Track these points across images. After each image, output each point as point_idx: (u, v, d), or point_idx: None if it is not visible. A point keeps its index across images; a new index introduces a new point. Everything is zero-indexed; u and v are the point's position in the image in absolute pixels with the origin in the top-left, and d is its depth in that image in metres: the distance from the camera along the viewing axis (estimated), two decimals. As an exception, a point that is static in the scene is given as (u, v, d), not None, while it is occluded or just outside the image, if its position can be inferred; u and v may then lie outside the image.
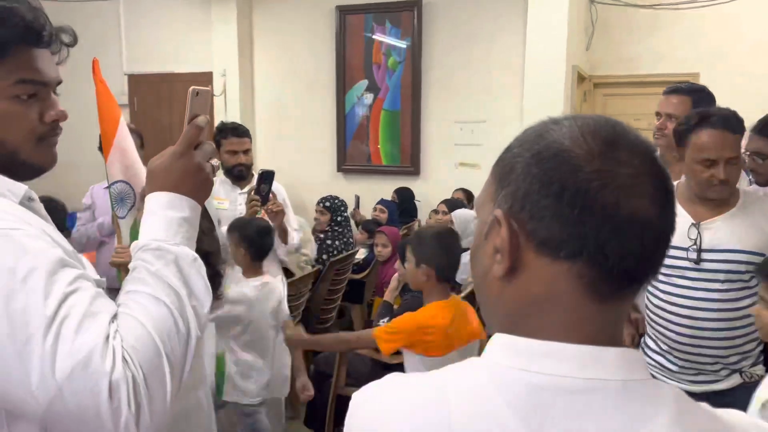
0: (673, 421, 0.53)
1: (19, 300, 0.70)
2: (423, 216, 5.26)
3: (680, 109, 2.26)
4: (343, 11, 5.63)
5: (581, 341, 0.54)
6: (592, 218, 0.53)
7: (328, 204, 4.29)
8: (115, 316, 0.77)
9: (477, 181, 5.30)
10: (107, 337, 0.72)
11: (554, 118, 0.60)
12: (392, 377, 0.62)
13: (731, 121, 1.79)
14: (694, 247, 1.82)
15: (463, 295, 3.00)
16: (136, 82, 6.30)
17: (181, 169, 0.88)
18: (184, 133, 0.90)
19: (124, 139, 1.93)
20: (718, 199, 1.83)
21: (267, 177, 2.78)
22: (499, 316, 0.60)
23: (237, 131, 3.07)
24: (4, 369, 0.70)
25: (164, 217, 0.86)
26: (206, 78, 5.98)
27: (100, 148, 3.90)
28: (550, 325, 0.56)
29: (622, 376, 0.54)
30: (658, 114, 2.39)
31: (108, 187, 2.24)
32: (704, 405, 0.58)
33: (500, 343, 0.58)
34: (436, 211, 4.54)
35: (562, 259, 0.54)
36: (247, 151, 3.06)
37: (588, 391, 0.53)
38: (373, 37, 5.60)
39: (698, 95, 2.34)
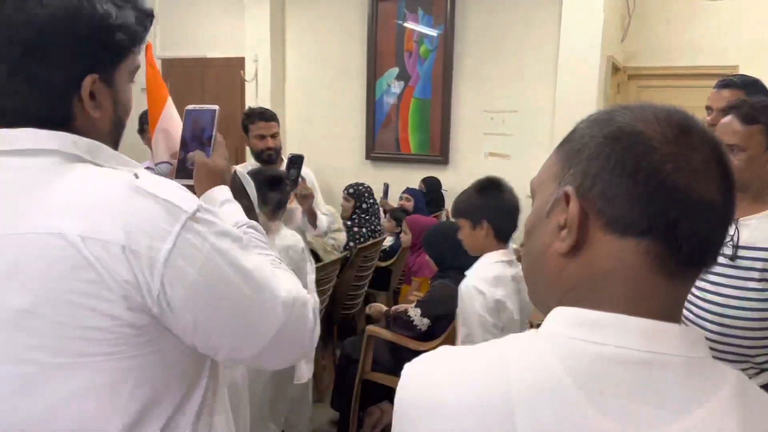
0: (732, 400, 0.54)
1: (249, 261, 0.83)
2: (450, 205, 5.25)
3: None
4: (375, -2, 5.62)
5: (645, 316, 0.55)
6: (664, 198, 0.55)
7: (351, 191, 4.31)
8: None
9: (506, 172, 5.26)
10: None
11: (623, 104, 0.61)
12: (444, 349, 0.63)
13: (743, 110, 1.74)
14: (731, 243, 1.80)
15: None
16: (170, 66, 6.39)
17: (226, 170, 1.15)
18: (221, 144, 1.18)
19: (168, 120, 1.97)
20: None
21: (296, 161, 2.81)
22: (559, 293, 0.61)
23: (264, 115, 3.09)
24: (247, 317, 0.83)
25: (236, 203, 1.10)
26: (238, 63, 6.03)
27: (140, 131, 4.00)
28: (614, 298, 0.57)
29: (684, 352, 0.55)
30: (708, 108, 2.33)
31: (152, 167, 2.29)
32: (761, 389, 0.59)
33: (561, 314, 0.58)
34: (460, 201, 4.54)
35: (630, 236, 0.56)
36: (275, 135, 3.08)
37: (650, 364, 0.53)
38: (405, 24, 5.58)
39: (752, 88, 2.27)
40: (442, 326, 2.83)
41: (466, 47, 5.40)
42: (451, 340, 2.84)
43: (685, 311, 1.93)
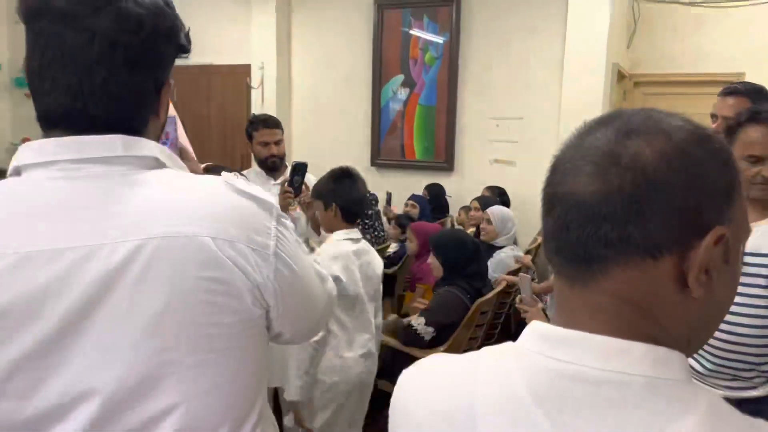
0: (701, 424, 0.49)
1: (307, 258, 0.90)
2: (455, 212, 5.24)
3: (738, 111, 2.20)
4: (381, 6, 5.63)
5: (609, 333, 0.53)
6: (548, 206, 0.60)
7: None
8: None
9: (512, 179, 5.29)
10: None
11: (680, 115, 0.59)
12: (432, 357, 0.64)
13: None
14: None
15: (489, 296, 2.99)
16: (175, 73, 6.28)
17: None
18: (187, 151, 1.17)
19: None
20: (761, 199, 1.78)
21: (300, 169, 2.82)
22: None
23: (268, 122, 3.10)
24: (314, 301, 0.92)
25: None
26: (244, 70, 6.05)
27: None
28: (578, 318, 0.56)
29: (648, 372, 0.51)
30: (713, 116, 2.32)
31: None
32: (740, 414, 0.53)
33: (532, 328, 0.58)
34: (467, 208, 4.52)
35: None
36: (278, 142, 3.09)
37: (609, 383, 0.51)
38: (411, 32, 5.59)
39: (757, 96, 2.26)
40: (447, 334, 2.82)
41: (472, 54, 5.41)
42: (456, 347, 2.83)
43: None
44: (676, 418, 0.49)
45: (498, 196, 4.88)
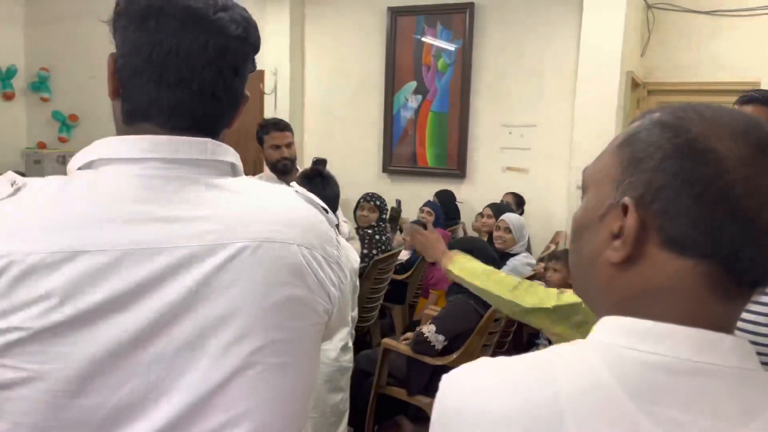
0: None
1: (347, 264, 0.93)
2: (466, 218, 5.22)
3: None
4: (394, 12, 5.65)
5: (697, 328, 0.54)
6: (732, 225, 0.52)
7: (378, 203, 4.29)
8: None
9: (524, 186, 5.27)
10: None
11: (696, 106, 0.57)
12: (484, 359, 0.61)
13: None
14: None
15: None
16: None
17: None
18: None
19: None
20: None
21: (319, 164, 2.84)
22: (608, 301, 0.59)
23: (279, 125, 3.11)
24: (350, 302, 0.94)
25: None
26: (257, 76, 6.09)
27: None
28: (666, 314, 0.54)
29: (737, 363, 0.53)
30: None
31: None
32: None
33: (611, 324, 0.56)
34: (481, 215, 4.51)
35: (689, 257, 0.54)
36: (289, 145, 3.09)
37: (703, 375, 0.52)
38: (424, 39, 5.60)
39: None
40: (459, 342, 2.80)
41: (485, 61, 5.41)
42: (469, 356, 2.82)
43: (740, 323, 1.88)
44: (766, 406, 0.52)
45: (518, 204, 4.86)
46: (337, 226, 0.92)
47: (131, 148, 0.74)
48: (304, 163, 3.79)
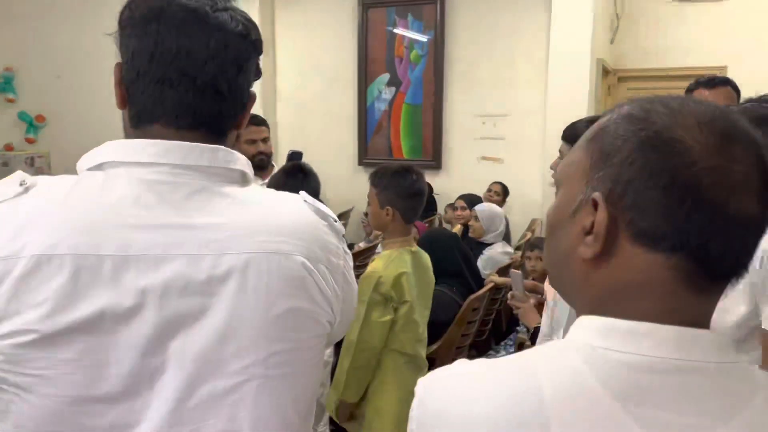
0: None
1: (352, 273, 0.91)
2: (443, 209, 5.25)
3: (723, 102, 2.22)
4: (365, 5, 5.63)
5: (675, 325, 0.53)
6: (700, 215, 0.52)
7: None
8: None
9: (500, 175, 5.30)
10: None
11: (663, 98, 0.57)
12: (462, 363, 0.60)
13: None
14: None
15: (480, 293, 3.00)
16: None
17: None
18: None
19: None
20: None
21: (296, 157, 2.83)
22: (585, 299, 0.59)
23: (254, 120, 3.07)
24: (354, 309, 0.94)
25: None
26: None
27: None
28: (641, 310, 0.54)
29: (717, 358, 0.53)
30: None
31: None
32: None
33: (591, 324, 0.56)
34: (453, 207, 4.52)
35: (660, 250, 0.53)
36: (265, 140, 3.06)
37: (685, 372, 0.52)
38: (396, 30, 5.59)
39: (730, 87, 2.29)
40: (438, 332, 2.81)
41: (457, 52, 5.42)
42: (449, 345, 2.83)
43: None
44: (749, 398, 0.53)
45: (506, 192, 4.92)
46: None
47: (141, 152, 0.74)
48: (279, 158, 3.76)
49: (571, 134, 1.73)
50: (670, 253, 0.53)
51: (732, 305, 1.38)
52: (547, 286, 1.82)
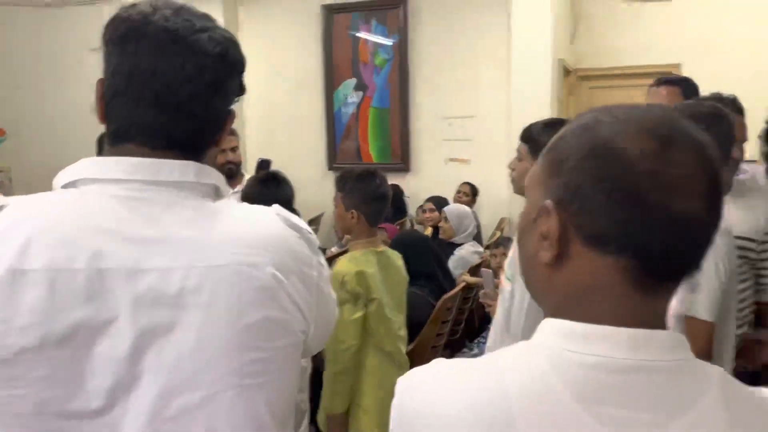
0: (720, 397, 0.56)
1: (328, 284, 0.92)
2: (413, 211, 5.29)
3: (670, 101, 2.30)
4: (329, 10, 5.65)
5: (631, 326, 0.57)
6: (641, 217, 0.55)
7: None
8: None
9: (467, 176, 5.37)
10: None
11: (609, 108, 0.61)
12: (439, 362, 0.63)
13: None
14: None
15: (453, 293, 3.04)
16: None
17: None
18: None
19: None
20: None
21: (265, 165, 2.84)
22: (550, 302, 0.62)
23: None
24: (333, 321, 0.95)
25: None
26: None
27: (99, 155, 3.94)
28: (599, 312, 0.58)
29: (671, 356, 0.57)
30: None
31: None
32: (745, 386, 0.60)
33: (555, 327, 0.59)
34: (422, 209, 4.57)
35: (608, 253, 0.57)
36: (234, 149, 3.07)
37: (641, 371, 0.56)
38: (360, 35, 5.62)
39: (686, 85, 2.38)
40: (413, 333, 2.84)
41: (421, 56, 5.48)
42: (424, 345, 2.87)
43: None
44: (701, 393, 0.56)
45: (474, 193, 4.98)
46: None
47: (114, 169, 0.76)
48: (248, 166, 3.75)
49: (527, 135, 1.80)
50: (618, 256, 0.56)
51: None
52: (502, 277, 1.88)
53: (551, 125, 1.71)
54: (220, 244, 0.77)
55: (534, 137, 1.75)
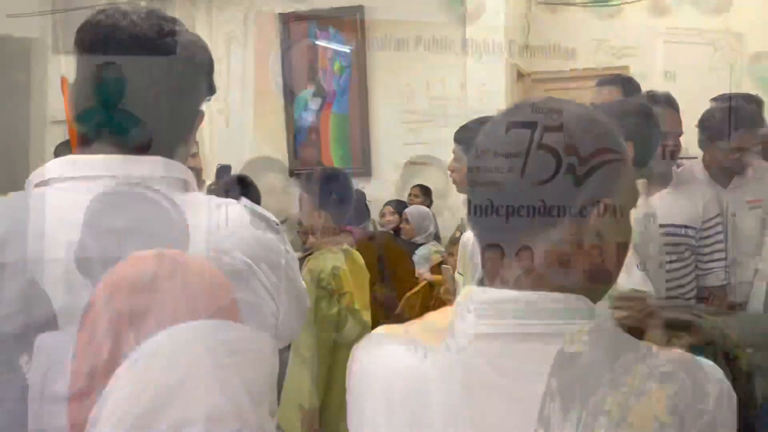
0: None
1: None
2: (375, 215, 5.35)
3: (611, 100, 2.43)
4: (285, 18, 5.68)
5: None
6: None
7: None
8: None
9: (429, 179, 5.45)
10: None
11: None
12: (380, 328, 0.73)
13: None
14: None
15: (417, 289, 3.13)
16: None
17: None
18: None
19: None
20: None
21: (224, 171, 2.86)
22: None
23: None
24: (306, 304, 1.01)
25: None
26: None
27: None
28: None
29: (585, 319, 0.63)
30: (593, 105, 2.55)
31: None
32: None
33: (468, 294, 0.67)
34: (382, 213, 4.64)
35: None
36: (194, 155, 3.06)
37: (554, 336, 0.60)
38: (318, 43, 5.67)
39: (628, 85, 2.52)
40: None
41: (379, 62, 5.55)
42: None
43: None
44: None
45: (426, 195, 5.06)
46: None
47: (83, 167, 0.80)
48: (209, 173, 3.76)
49: (461, 136, 1.88)
50: None
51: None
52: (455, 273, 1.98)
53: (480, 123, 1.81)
54: (192, 232, 0.81)
55: (469, 136, 1.84)
